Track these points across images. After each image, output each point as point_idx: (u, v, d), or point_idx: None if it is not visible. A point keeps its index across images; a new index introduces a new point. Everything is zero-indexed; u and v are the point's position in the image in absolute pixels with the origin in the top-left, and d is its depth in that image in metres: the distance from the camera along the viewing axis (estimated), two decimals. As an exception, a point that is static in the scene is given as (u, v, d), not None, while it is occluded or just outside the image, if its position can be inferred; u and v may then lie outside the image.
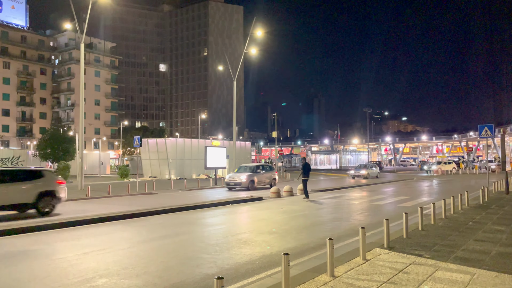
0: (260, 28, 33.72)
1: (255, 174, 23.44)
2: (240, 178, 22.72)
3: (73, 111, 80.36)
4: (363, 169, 36.71)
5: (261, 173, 24.13)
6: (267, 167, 25.48)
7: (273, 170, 25.57)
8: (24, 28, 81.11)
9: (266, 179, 24.28)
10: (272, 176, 24.92)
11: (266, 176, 24.34)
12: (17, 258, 7.40)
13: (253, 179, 23.02)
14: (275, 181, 24.84)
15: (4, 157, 37.25)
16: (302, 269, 5.94)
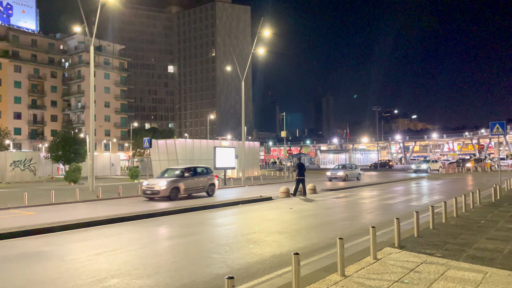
0: (268, 28, 33.73)
1: (181, 180, 18.15)
2: (159, 186, 17.45)
3: (84, 113, 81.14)
4: (341, 170, 31.96)
5: (191, 178, 18.85)
6: (202, 170, 20.21)
7: (210, 173, 20.17)
8: (35, 32, 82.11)
9: (198, 185, 19.23)
10: (209, 181, 19.80)
11: (198, 182, 19.20)
12: (30, 259, 7.51)
13: (177, 186, 17.82)
14: (213, 188, 20.00)
15: (16, 159, 37.72)
16: (313, 269, 5.94)
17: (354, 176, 32.08)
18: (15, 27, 78.65)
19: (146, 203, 16.83)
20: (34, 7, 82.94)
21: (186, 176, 18.58)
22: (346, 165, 34.60)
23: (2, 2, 77.49)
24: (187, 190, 18.50)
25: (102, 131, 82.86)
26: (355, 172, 32.46)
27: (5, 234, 9.60)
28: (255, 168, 46.60)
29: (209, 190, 19.73)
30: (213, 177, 20.19)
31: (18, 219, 12.55)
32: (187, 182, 18.45)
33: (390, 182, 30.06)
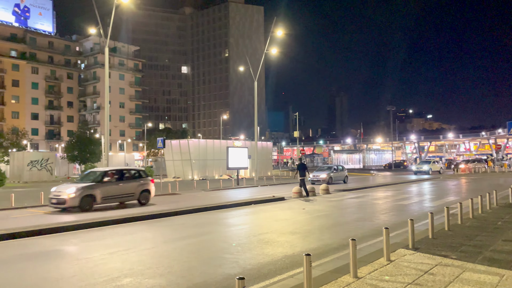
0: (281, 28, 33.68)
1: (98, 186, 14.48)
2: (66, 193, 13.84)
3: (99, 113, 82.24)
4: (325, 172, 28.74)
5: (114, 183, 15.15)
6: (132, 173, 16.39)
7: (143, 178, 16.39)
8: (51, 34, 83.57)
9: (124, 192, 15.38)
10: (141, 187, 15.92)
11: (124, 188, 15.40)
12: (45, 257, 7.63)
13: (91, 194, 14.19)
14: (147, 195, 16.19)
15: (33, 159, 38.45)
16: (325, 270, 5.90)
17: (339, 179, 29.21)
18: (32, 29, 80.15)
19: (162, 201, 16.93)
20: (51, 9, 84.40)
21: (106, 182, 14.84)
22: (331, 166, 31.11)
23: (20, 4, 79.06)
24: (107, 198, 14.70)
25: (117, 131, 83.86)
26: (341, 175, 29.52)
27: (22, 232, 9.78)
28: (268, 168, 46.58)
29: (141, 198, 15.92)
30: (147, 182, 16.27)
31: (35, 218, 12.77)
32: (106, 189, 14.65)
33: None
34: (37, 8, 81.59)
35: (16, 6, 78.56)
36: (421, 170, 41.51)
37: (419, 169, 42.15)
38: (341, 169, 30.64)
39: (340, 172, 29.91)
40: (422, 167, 42.10)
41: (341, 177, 29.59)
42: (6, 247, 8.70)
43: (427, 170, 41.17)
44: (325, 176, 27.92)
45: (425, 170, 41.16)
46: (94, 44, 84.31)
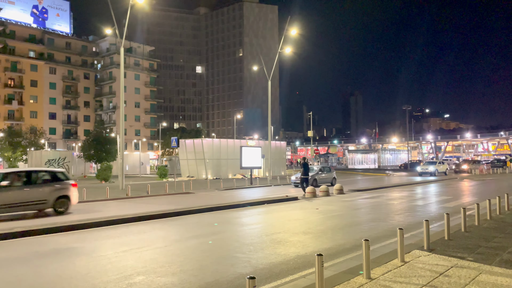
0: (295, 27, 33.54)
1: None
2: None
3: (115, 113, 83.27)
4: None
5: (16, 188, 12.27)
6: (42, 175, 13.44)
7: (60, 181, 13.47)
8: (69, 35, 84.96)
9: (31, 199, 12.43)
10: (56, 192, 13.06)
11: (31, 194, 12.50)
12: (60, 255, 7.74)
13: None
14: (66, 202, 13.32)
15: (51, 158, 39.15)
16: (337, 270, 5.84)
17: (326, 180, 26.28)
18: (50, 30, 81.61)
19: (176, 200, 17.04)
20: (68, 10, 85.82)
21: (3, 186, 11.94)
22: (320, 167, 27.62)
23: (38, 6, 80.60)
24: (7, 207, 11.91)
25: (133, 130, 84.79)
26: (327, 176, 26.74)
27: (39, 230, 9.95)
28: (281, 168, 46.48)
29: (57, 205, 13.07)
30: (66, 187, 13.46)
31: (50, 216, 12.98)
32: (6, 195, 11.89)
33: (408, 185, 29.24)
34: (54, 9, 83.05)
35: (34, 8, 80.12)
36: (426, 171, 38.82)
37: (424, 170, 39.19)
38: (328, 170, 27.98)
39: (327, 173, 27.30)
40: (427, 168, 39.26)
41: (328, 179, 26.79)
42: (22, 244, 8.86)
43: (433, 171, 38.56)
44: None
45: (431, 172, 38.53)
46: (110, 45, 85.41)
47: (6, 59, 72.26)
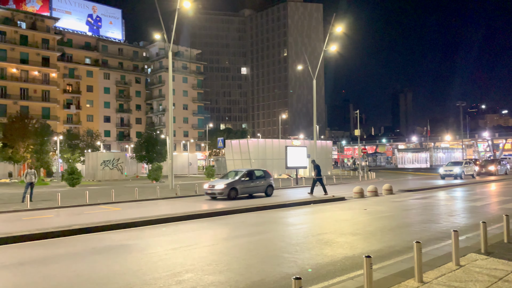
0: (341, 24, 32.94)
1: None
2: None
3: (164, 115, 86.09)
4: (223, 181, 18.69)
5: None
6: None
7: None
8: (121, 41, 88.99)
9: None
10: None
11: None
12: (114, 251, 8.11)
13: None
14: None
15: (106, 159, 41.18)
16: (387, 273, 5.65)
17: (256, 190, 19.26)
18: (104, 37, 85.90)
19: (221, 200, 17.33)
20: (120, 18, 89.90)
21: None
22: (241, 172, 19.28)
23: (92, 15, 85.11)
24: None
25: (181, 132, 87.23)
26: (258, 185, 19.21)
27: (94, 227, 10.49)
28: (327, 168, 45.84)
29: None
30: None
31: (106, 214, 13.66)
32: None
33: (464, 185, 27.61)
34: (108, 18, 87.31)
35: (89, 17, 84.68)
36: (450, 174, 32.52)
37: (447, 172, 32.78)
38: (260, 176, 19.63)
39: (258, 180, 19.27)
40: (452, 170, 32.67)
41: (260, 189, 19.34)
42: (80, 240, 9.38)
43: (458, 173, 32.13)
44: (222, 188, 17.70)
45: (456, 174, 32.18)
46: (159, 49, 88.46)
47: (65, 66, 76.95)
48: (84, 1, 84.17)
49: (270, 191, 19.80)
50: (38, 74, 68.25)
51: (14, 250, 8.47)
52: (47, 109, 68.29)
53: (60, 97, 74.66)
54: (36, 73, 67.91)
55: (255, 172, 19.71)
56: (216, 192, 17.88)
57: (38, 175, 26.68)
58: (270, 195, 19.50)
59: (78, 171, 29.02)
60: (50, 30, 71.28)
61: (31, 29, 68.24)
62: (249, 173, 19.20)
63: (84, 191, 20.13)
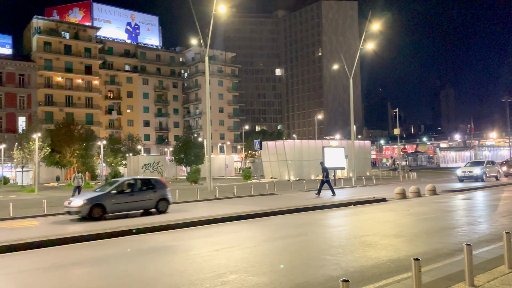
0: (377, 22, 32.26)
1: None
2: None
3: (201, 119, 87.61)
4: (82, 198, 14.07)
5: None
6: None
7: None
8: (158, 47, 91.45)
9: None
10: None
11: None
12: (159, 252, 8.38)
13: None
14: None
15: (146, 162, 42.45)
16: (435, 276, 5.51)
17: (141, 206, 14.64)
18: (142, 44, 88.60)
19: (262, 201, 17.42)
20: (157, 25, 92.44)
21: None
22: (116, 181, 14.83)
23: (131, 23, 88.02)
24: None
25: (217, 134, 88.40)
26: (142, 198, 14.50)
27: (140, 229, 10.86)
28: (366, 168, 44.98)
29: None
30: None
31: (149, 216, 14.08)
32: None
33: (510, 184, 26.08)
34: (145, 25, 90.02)
35: (128, 25, 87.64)
36: (470, 176, 28.74)
37: (466, 174, 29.03)
38: (148, 187, 14.99)
39: (144, 193, 14.70)
40: (471, 171, 28.85)
41: (146, 204, 14.65)
42: (126, 242, 9.75)
43: (479, 175, 28.26)
44: (80, 204, 13.26)
45: (476, 175, 28.38)
46: (195, 54, 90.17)
47: (106, 74, 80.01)
48: (123, 10, 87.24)
49: (164, 206, 14.95)
50: (82, 82, 71.41)
51: (66, 251, 8.93)
52: (90, 115, 71.29)
53: (102, 103, 77.64)
54: (79, 81, 71.10)
55: (139, 181, 15.25)
56: (72, 211, 13.38)
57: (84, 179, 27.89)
58: (164, 212, 14.77)
59: (121, 174, 30.10)
60: (92, 39, 74.42)
61: (74, 39, 71.53)
62: (130, 184, 14.77)
63: (128, 193, 20.81)
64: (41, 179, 41.42)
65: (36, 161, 31.66)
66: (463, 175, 29.09)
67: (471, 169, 29.17)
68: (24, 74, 64.75)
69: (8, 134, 59.21)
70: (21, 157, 37.69)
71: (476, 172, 28.54)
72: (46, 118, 64.99)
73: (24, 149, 36.94)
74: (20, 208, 17.16)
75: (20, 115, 63.23)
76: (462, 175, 29.14)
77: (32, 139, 34.66)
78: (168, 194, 15.32)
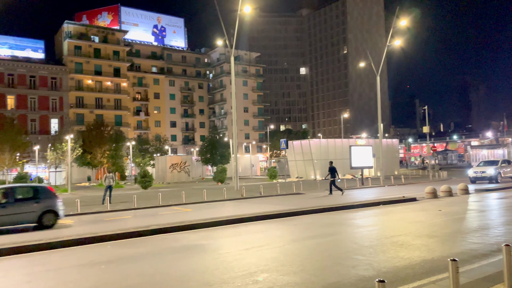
0: (404, 17, 31.60)
1: None
2: None
3: (226, 119, 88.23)
4: None
5: None
6: None
7: None
8: (184, 49, 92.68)
9: None
10: None
11: None
12: (191, 251, 8.51)
13: None
14: None
15: (174, 162, 43.08)
16: (472, 278, 5.38)
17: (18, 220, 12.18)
18: (168, 46, 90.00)
19: (289, 201, 17.41)
20: (183, 27, 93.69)
21: None
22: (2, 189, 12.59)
23: (157, 25, 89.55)
24: None
25: (242, 134, 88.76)
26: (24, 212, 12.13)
27: (170, 228, 11.07)
28: (394, 167, 44.19)
29: None
30: None
31: (178, 215, 14.32)
32: None
33: None
34: (171, 27, 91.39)
35: (154, 27, 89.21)
36: (482, 176, 25.54)
37: (479, 174, 25.88)
38: (29, 196, 12.62)
39: (21, 205, 12.24)
40: (484, 171, 25.69)
41: (24, 217, 12.21)
42: (157, 240, 9.95)
43: (493, 175, 25.08)
44: None
45: (490, 176, 25.21)
46: (220, 55, 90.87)
47: (134, 76, 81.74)
48: (149, 13, 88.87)
49: (50, 220, 12.36)
50: (111, 84, 73.25)
51: (101, 249, 9.21)
52: (119, 116, 73.04)
53: (130, 105, 79.34)
54: (108, 83, 72.96)
55: (17, 190, 12.67)
56: None
57: (115, 179, 28.67)
58: (51, 227, 12.25)
59: (149, 174, 30.69)
60: (120, 43, 76.21)
61: (103, 42, 73.45)
62: (3, 193, 12.09)
63: (156, 193, 21.25)
64: (73, 179, 42.75)
65: (68, 161, 32.70)
66: (475, 175, 26.07)
67: (484, 169, 26.07)
68: (56, 78, 67.00)
69: (41, 136, 61.43)
70: (54, 158, 39.03)
71: (489, 173, 25.40)
72: (77, 120, 67.01)
73: (57, 150, 38.24)
74: (55, 207, 17.78)
75: (53, 117, 65.48)
76: (474, 176, 26.12)
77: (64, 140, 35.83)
78: (58, 205, 12.52)
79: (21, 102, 62.99)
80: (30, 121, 62.92)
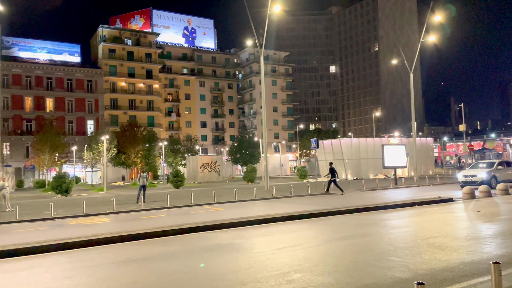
0: (439, 12, 30.66)
1: None
2: None
3: (256, 119, 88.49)
4: None
5: None
6: None
7: None
8: (213, 50, 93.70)
9: None
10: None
11: None
12: (224, 250, 8.60)
13: None
14: None
15: (204, 162, 43.65)
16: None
17: None
18: (198, 47, 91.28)
19: (320, 201, 17.27)
20: (212, 28, 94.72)
21: None
22: None
23: (188, 27, 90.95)
24: None
25: (272, 134, 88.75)
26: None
27: (203, 227, 11.23)
28: (429, 167, 42.98)
29: None
30: None
31: (211, 214, 14.50)
32: None
33: None
34: (201, 29, 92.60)
35: (185, 29, 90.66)
36: (473, 181, 21.47)
37: (469, 178, 21.94)
38: None
39: None
40: (475, 175, 21.89)
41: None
42: (191, 239, 10.11)
43: (485, 179, 21.23)
44: None
45: (481, 181, 21.16)
46: (249, 55, 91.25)
47: (165, 77, 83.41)
48: (180, 15, 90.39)
49: None
50: (143, 86, 75.06)
51: (136, 247, 9.46)
52: (151, 117, 74.72)
53: (162, 106, 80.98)
54: (141, 85, 74.78)
55: None
56: None
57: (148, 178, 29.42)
58: None
59: (181, 174, 31.23)
60: (152, 45, 77.95)
61: (136, 45, 75.38)
62: None
63: (188, 192, 21.59)
64: (108, 179, 44.11)
65: (104, 161, 33.76)
66: (465, 180, 22.11)
67: (475, 172, 22.23)
68: (91, 80, 69.31)
69: (78, 137, 63.73)
70: (90, 158, 40.40)
71: (480, 176, 21.63)
72: (112, 121, 69.06)
73: (93, 151, 39.56)
74: (92, 206, 18.40)
75: (89, 119, 67.76)
76: (464, 180, 22.17)
77: (100, 141, 37.01)
78: None
79: (59, 104, 65.53)
80: (68, 123, 65.37)
